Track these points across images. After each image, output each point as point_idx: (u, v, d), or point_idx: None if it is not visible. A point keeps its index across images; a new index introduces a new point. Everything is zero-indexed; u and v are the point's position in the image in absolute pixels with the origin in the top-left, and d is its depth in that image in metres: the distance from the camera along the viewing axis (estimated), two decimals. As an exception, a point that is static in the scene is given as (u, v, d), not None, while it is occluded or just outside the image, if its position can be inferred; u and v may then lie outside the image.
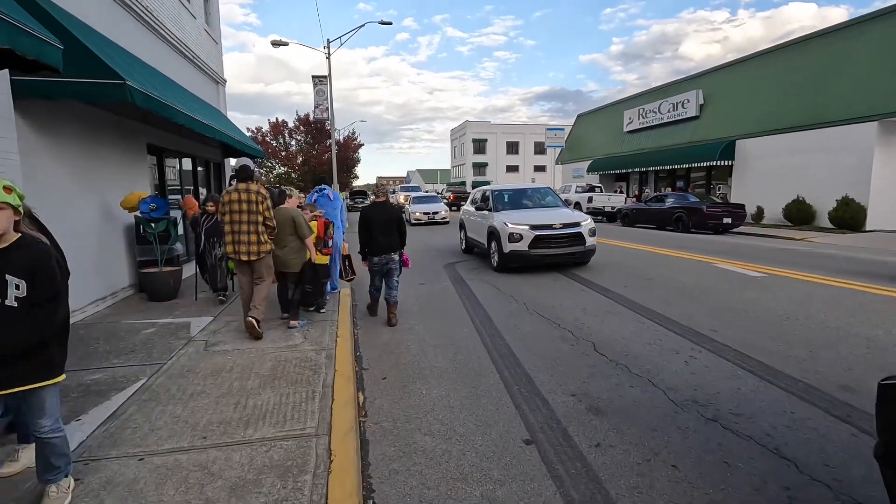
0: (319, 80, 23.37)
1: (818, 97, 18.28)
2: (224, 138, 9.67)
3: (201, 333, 5.36)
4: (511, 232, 8.83)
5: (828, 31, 18.86)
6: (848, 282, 7.44)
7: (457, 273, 9.45)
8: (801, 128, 18.78)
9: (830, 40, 18.56)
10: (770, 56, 21.28)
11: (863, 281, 7.45)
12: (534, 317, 6.09)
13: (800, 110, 18.98)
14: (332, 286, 7.15)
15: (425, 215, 22.07)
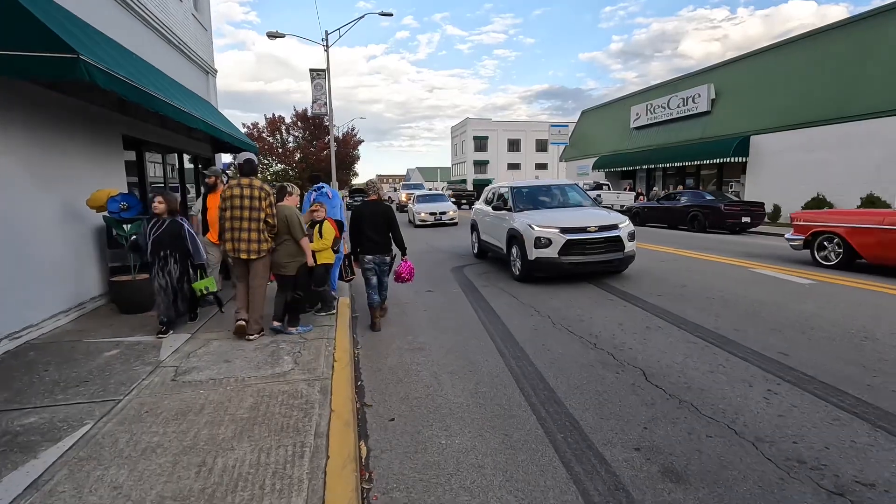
0: (318, 73, 22.47)
1: (840, 90, 17.44)
2: (212, 131, 8.82)
3: (173, 356, 4.51)
4: (538, 236, 7.61)
5: (849, 22, 18.01)
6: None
7: (466, 278, 8.61)
8: (820, 122, 17.95)
9: (852, 31, 17.72)
10: (786, 49, 20.41)
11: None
12: (562, 333, 5.25)
13: (819, 104, 18.14)
14: (332, 288, 6.49)
15: (431, 216, 19.86)
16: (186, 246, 5.22)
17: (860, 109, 16.56)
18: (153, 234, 5.08)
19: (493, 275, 8.85)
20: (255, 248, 4.79)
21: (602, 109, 35.11)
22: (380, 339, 5.34)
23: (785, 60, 20.19)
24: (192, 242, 5.25)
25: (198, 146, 11.53)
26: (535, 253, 7.65)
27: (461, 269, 9.53)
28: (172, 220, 5.15)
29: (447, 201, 21.98)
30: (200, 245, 5.35)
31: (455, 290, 7.76)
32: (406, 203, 27.34)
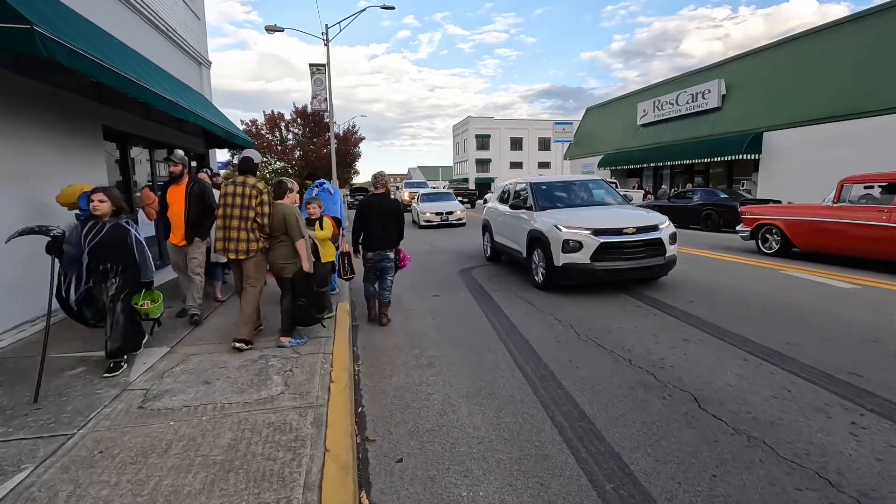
0: (317, 68, 21.84)
1: (859, 84, 16.79)
2: (203, 123, 8.22)
3: (144, 376, 3.91)
4: (566, 238, 6.58)
5: (866, 14, 17.35)
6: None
7: (475, 282, 8.00)
8: (838, 118, 17.30)
9: (869, 24, 17.05)
10: (800, 42, 19.76)
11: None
12: (589, 347, 4.63)
13: (836, 99, 17.49)
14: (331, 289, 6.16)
15: (437, 216, 18.31)
16: (132, 257, 4.12)
17: (879, 104, 15.93)
18: (89, 241, 3.97)
19: (504, 278, 8.23)
20: (244, 247, 4.56)
21: (607, 107, 34.46)
22: (383, 353, 4.73)
23: (799, 55, 19.54)
24: (141, 253, 4.16)
25: (190, 141, 10.92)
26: (563, 258, 6.61)
27: (469, 272, 8.92)
28: (115, 223, 4.06)
29: (454, 200, 20.47)
30: (149, 257, 4.27)
31: (464, 294, 7.15)
32: (409, 202, 26.36)
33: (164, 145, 9.58)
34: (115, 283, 4.05)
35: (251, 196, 4.55)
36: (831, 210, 8.55)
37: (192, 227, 5.45)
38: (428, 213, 18.44)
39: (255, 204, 4.55)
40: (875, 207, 7.79)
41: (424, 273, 8.86)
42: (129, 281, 4.14)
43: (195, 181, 5.53)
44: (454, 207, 18.85)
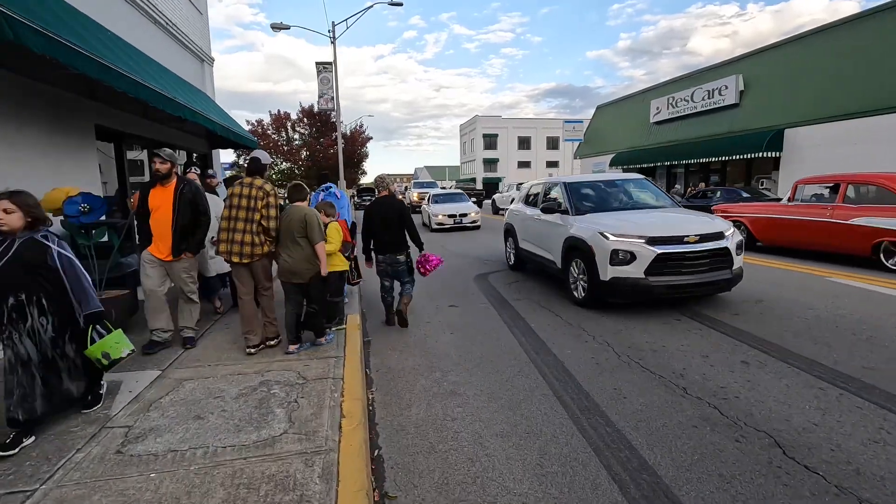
0: (324, 67, 21.37)
1: (888, 78, 16.07)
2: (203, 121, 7.74)
3: (128, 409, 3.41)
4: (616, 248, 5.56)
5: (895, 4, 16.63)
6: None
7: (494, 289, 7.46)
8: (865, 113, 16.59)
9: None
10: (823, 36, 19.04)
11: None
12: (633, 370, 4.08)
13: (863, 94, 16.77)
14: None
15: (450, 218, 17.02)
16: (60, 282, 3.10)
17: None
18: None
19: (524, 285, 7.69)
20: (248, 251, 4.37)
21: (619, 104, 33.80)
22: (399, 376, 4.20)
23: (821, 48, 18.83)
24: (72, 276, 3.13)
25: (192, 142, 10.48)
26: (611, 271, 5.60)
27: (486, 278, 8.38)
28: (29, 238, 3.02)
29: (467, 201, 19.23)
30: (87, 280, 3.22)
31: (483, 304, 6.61)
32: (418, 203, 25.46)
33: (164, 146, 9.13)
34: (45, 323, 3.06)
35: (257, 198, 4.36)
36: (786, 208, 9.56)
37: (183, 237, 4.50)
38: (440, 215, 17.21)
39: (261, 206, 4.37)
40: (821, 205, 8.79)
41: (439, 279, 8.33)
42: (65, 318, 3.16)
43: (185, 182, 4.59)
44: (468, 209, 17.62)
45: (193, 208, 4.56)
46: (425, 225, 19.16)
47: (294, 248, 4.40)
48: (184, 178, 4.75)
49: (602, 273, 5.73)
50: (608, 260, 5.63)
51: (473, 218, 17.29)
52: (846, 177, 8.77)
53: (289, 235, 4.40)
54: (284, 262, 4.43)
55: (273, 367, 4.15)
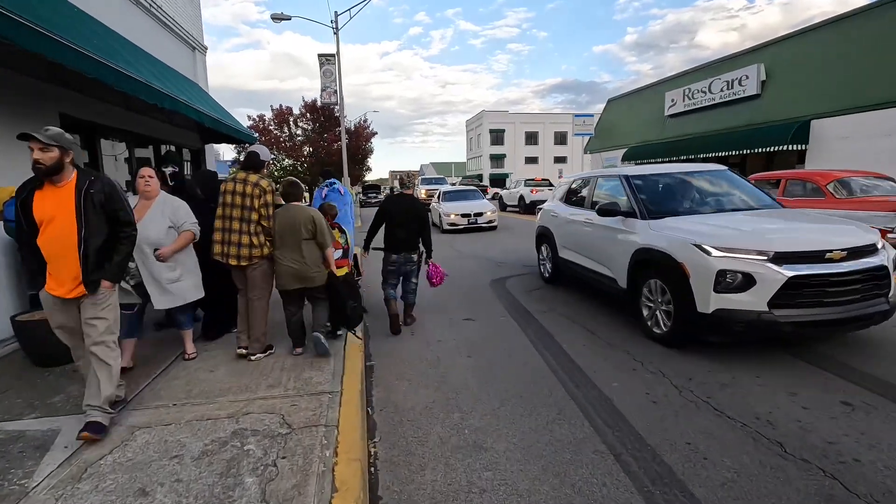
0: (326, 59, 20.52)
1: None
2: (188, 111, 6.95)
3: (54, 477, 2.61)
4: (724, 269, 3.98)
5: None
6: None
7: (513, 298, 6.63)
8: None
9: (938, -4, 15.27)
10: (851, 21, 17.99)
11: None
12: (704, 413, 3.24)
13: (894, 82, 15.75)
14: None
15: (464, 218, 15.10)
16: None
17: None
18: None
19: (547, 293, 6.85)
20: (247, 253, 4.08)
21: (631, 97, 32.79)
22: (409, 418, 3.39)
23: (850, 34, 17.78)
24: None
25: (182, 136, 9.70)
26: (717, 301, 3.99)
27: (502, 284, 7.54)
28: None
29: (482, 199, 17.29)
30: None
31: (502, 317, 5.79)
32: (427, 202, 24.55)
33: (149, 140, 8.35)
34: None
35: (253, 195, 4.06)
36: None
37: (98, 262, 2.97)
38: (452, 214, 15.35)
39: (258, 205, 4.06)
40: None
41: (451, 285, 7.49)
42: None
43: (92, 178, 3.01)
44: (483, 207, 15.70)
45: (110, 216, 3.03)
46: (435, 225, 17.42)
47: (300, 252, 4.09)
48: (90, 171, 3.14)
49: (701, 302, 4.07)
50: (711, 284, 3.99)
51: (489, 218, 15.40)
52: (786, 174, 9.92)
53: (293, 237, 4.07)
54: (289, 267, 4.09)
55: (253, 407, 3.34)
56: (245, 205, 4.06)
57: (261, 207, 4.08)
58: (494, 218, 15.60)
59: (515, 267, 8.86)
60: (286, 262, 4.09)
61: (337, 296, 4.29)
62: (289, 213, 4.13)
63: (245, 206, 4.06)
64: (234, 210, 4.08)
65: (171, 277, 3.88)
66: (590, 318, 5.52)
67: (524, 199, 24.89)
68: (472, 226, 15.28)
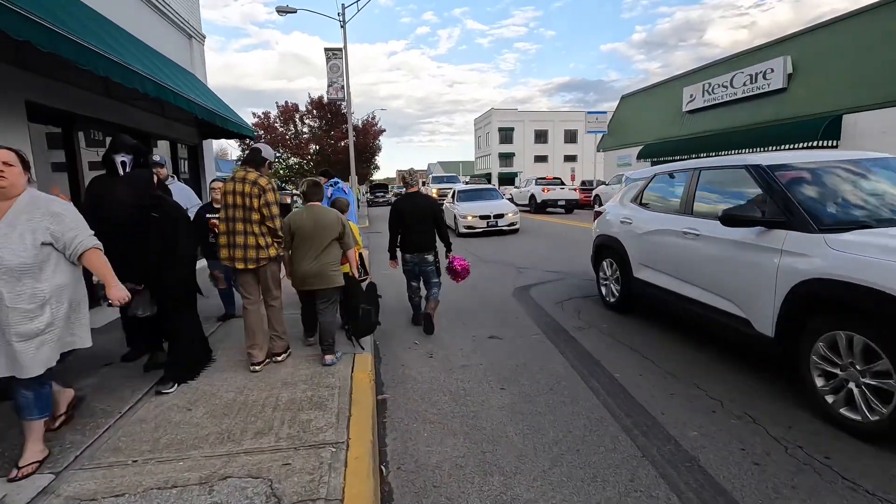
0: (333, 53, 19.81)
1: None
2: (175, 99, 6.21)
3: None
4: None
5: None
6: None
7: (541, 309, 5.85)
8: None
9: None
10: (892, 7, 16.94)
11: None
12: (831, 484, 2.43)
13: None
14: None
15: (483, 220, 13.66)
16: None
17: None
18: None
19: (579, 304, 6.06)
20: (253, 255, 3.91)
21: (646, 93, 31.85)
22: (436, 485, 2.60)
23: (886, 23, 16.75)
24: None
25: (177, 130, 8.98)
26: None
27: (527, 292, 6.75)
28: None
29: (501, 198, 15.69)
30: None
31: (535, 334, 5.01)
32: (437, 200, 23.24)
33: (137, 134, 7.63)
34: None
35: (251, 194, 3.85)
36: None
37: None
38: (469, 216, 13.78)
39: (258, 204, 3.85)
40: None
41: (472, 293, 6.76)
42: None
43: None
44: (504, 208, 14.20)
45: None
46: (450, 228, 16.37)
47: (324, 253, 4.02)
48: None
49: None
50: None
51: (511, 220, 13.88)
52: None
53: (319, 239, 3.99)
54: (308, 268, 4.00)
55: (234, 466, 2.58)
56: (246, 205, 3.85)
57: (262, 207, 3.86)
58: (517, 220, 14.06)
59: (539, 273, 8.06)
60: (306, 264, 4.00)
61: (352, 297, 4.28)
62: (314, 214, 4.04)
63: (246, 207, 3.85)
64: (237, 211, 3.87)
65: (29, 331, 2.48)
66: (636, 337, 4.72)
67: (535, 198, 24.05)
68: (491, 228, 13.75)
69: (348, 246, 4.17)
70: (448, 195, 17.35)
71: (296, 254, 4.06)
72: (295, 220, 4.05)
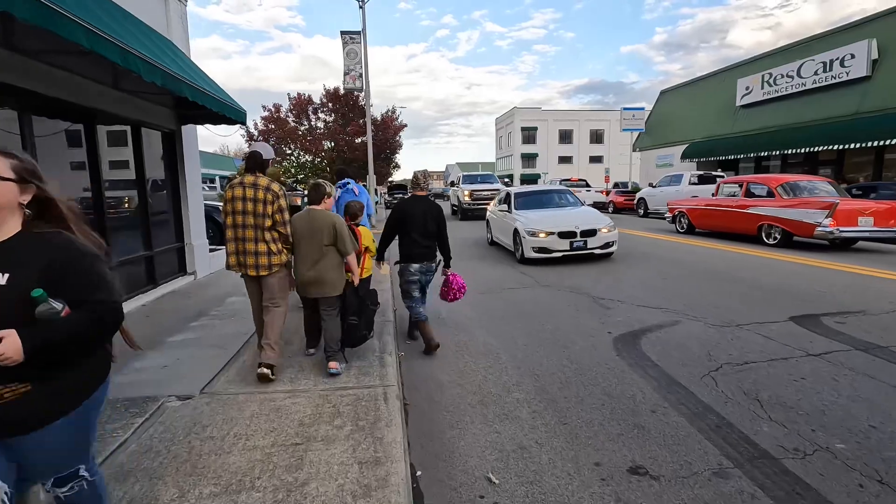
0: (350, 37, 17.64)
1: None
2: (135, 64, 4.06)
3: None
4: None
5: None
6: None
7: (680, 388, 3.54)
8: None
9: None
10: None
11: None
12: None
13: None
14: None
15: (564, 240, 8.79)
16: None
17: None
18: None
19: (747, 378, 3.69)
20: (266, 262, 3.78)
21: (691, 87, 29.16)
22: None
23: None
24: None
25: (144, 110, 6.84)
26: None
27: (636, 347, 4.42)
28: None
29: (580, 205, 10.68)
30: None
31: (714, 468, 2.67)
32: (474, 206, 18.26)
33: (78, 111, 5.49)
34: None
35: (266, 201, 3.74)
36: (712, 201, 12.52)
37: None
38: (542, 232, 8.84)
39: (272, 210, 3.76)
40: (732, 199, 11.71)
41: (548, 345, 4.47)
42: None
43: None
44: (595, 221, 9.24)
45: None
46: (496, 243, 11.33)
47: (320, 258, 3.88)
48: None
49: None
50: None
51: (607, 238, 8.98)
52: (748, 178, 12.06)
53: (313, 243, 3.86)
54: (308, 274, 3.88)
55: None
56: (258, 211, 3.75)
57: (275, 213, 3.79)
58: (614, 238, 9.12)
59: (632, 311, 5.69)
60: (305, 270, 3.89)
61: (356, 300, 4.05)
62: (309, 218, 3.92)
63: (258, 213, 3.75)
64: (247, 217, 3.75)
65: None
66: None
67: (560, 200, 21.45)
68: (577, 252, 8.80)
69: (346, 252, 3.97)
70: (493, 200, 12.87)
71: (296, 259, 3.95)
72: (294, 223, 3.91)
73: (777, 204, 10.20)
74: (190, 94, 5.53)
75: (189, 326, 5.24)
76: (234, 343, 4.64)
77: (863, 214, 9.16)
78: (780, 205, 10.12)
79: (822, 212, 9.14)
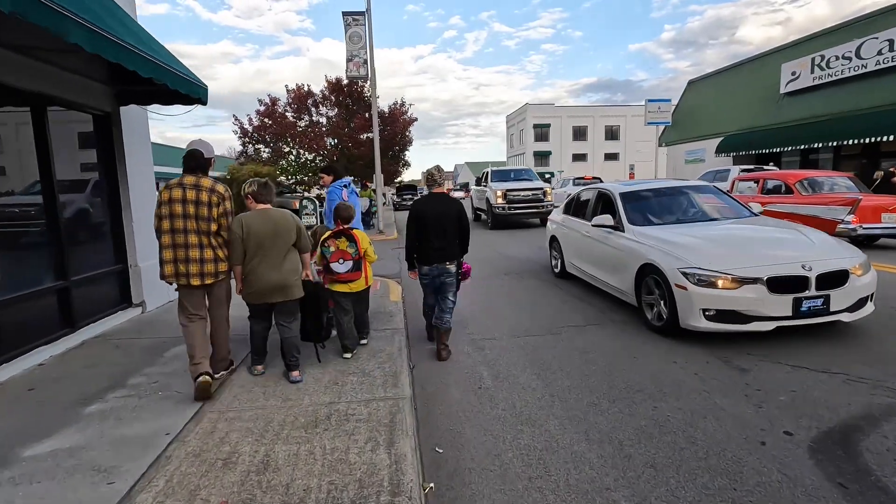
0: (354, 18, 15.62)
1: None
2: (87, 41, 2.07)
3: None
4: None
5: None
6: None
7: None
8: None
9: None
10: None
11: None
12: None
13: None
14: None
15: (781, 295, 4.19)
16: None
17: None
18: None
19: None
20: (212, 269, 3.56)
21: (724, 75, 26.89)
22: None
23: None
24: None
25: (70, 87, 4.89)
26: None
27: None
28: None
29: (755, 215, 6.09)
30: None
31: None
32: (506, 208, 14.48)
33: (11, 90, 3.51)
34: None
35: (210, 203, 3.52)
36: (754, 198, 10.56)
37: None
38: (723, 276, 4.29)
39: (216, 213, 3.55)
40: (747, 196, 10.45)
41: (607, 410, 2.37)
42: None
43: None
44: (834, 252, 4.62)
45: None
46: (628, 301, 5.52)
47: (283, 261, 3.68)
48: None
49: None
50: None
51: (861, 290, 4.46)
52: (764, 174, 11.48)
53: (278, 245, 3.63)
54: (268, 279, 3.60)
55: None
56: (201, 215, 3.49)
57: (220, 217, 3.58)
58: (871, 289, 4.57)
59: (721, 350, 3.56)
60: (265, 273, 3.61)
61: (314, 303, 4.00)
62: (269, 218, 3.65)
63: (201, 217, 3.50)
64: (189, 221, 3.47)
65: None
66: None
67: (576, 200, 19.22)
68: (804, 321, 4.28)
69: (305, 249, 3.88)
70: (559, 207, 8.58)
71: (252, 264, 3.61)
72: (248, 225, 3.58)
73: (796, 201, 9.70)
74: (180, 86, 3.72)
75: (82, 415, 3.24)
76: (139, 459, 2.65)
77: (887, 211, 8.73)
78: (798, 202, 9.64)
79: (845, 208, 8.73)
